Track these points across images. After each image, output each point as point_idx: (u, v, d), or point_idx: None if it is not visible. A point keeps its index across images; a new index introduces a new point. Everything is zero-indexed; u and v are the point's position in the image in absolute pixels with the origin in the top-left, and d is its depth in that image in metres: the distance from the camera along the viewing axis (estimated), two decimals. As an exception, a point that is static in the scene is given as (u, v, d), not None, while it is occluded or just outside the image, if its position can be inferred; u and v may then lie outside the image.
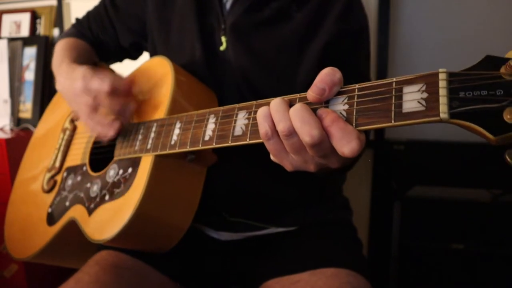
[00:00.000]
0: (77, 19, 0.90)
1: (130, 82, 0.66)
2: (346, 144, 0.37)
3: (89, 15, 0.88)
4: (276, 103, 0.41)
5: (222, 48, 0.69)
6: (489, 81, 0.29)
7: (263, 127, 0.41)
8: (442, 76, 0.32)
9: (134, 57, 0.91)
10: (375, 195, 1.27)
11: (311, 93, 0.39)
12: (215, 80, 0.70)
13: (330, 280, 0.61)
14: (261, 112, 0.42)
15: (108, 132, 0.65)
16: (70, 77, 0.69)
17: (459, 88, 0.31)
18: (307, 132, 0.38)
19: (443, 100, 0.31)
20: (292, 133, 0.39)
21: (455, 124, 0.31)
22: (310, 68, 0.67)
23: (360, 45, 0.72)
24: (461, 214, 1.11)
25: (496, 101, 0.29)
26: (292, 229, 0.75)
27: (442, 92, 0.31)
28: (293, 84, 0.69)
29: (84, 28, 0.86)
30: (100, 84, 0.63)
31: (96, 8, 0.87)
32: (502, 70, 0.29)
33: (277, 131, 0.41)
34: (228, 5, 0.70)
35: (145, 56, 0.88)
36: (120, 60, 0.92)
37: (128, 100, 0.67)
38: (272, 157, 0.45)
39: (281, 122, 0.40)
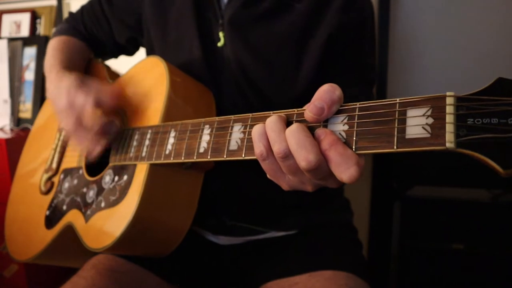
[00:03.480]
0: (71, 14, 0.87)
1: (119, 90, 0.64)
2: (344, 170, 0.35)
3: (83, 10, 0.85)
4: (271, 121, 0.39)
5: (220, 44, 0.67)
6: (501, 108, 0.27)
7: (258, 147, 0.39)
8: (449, 100, 0.30)
9: (130, 53, 0.89)
10: (375, 195, 1.26)
11: (309, 113, 0.37)
12: (214, 77, 0.68)
13: (328, 282, 0.60)
14: (256, 130, 0.40)
15: (95, 147, 0.62)
16: (57, 86, 0.67)
17: (467, 115, 0.28)
18: (303, 157, 0.36)
19: (449, 128, 0.29)
20: (288, 155, 0.37)
21: (462, 153, 0.29)
22: (312, 63, 0.65)
23: (365, 35, 0.69)
24: (461, 214, 1.10)
25: (508, 131, 0.27)
26: (292, 233, 0.74)
27: (449, 118, 0.29)
28: (295, 81, 0.66)
29: (78, 23, 0.84)
30: (85, 98, 0.61)
31: (91, 3, 0.85)
32: (515, 96, 0.27)
33: (272, 152, 0.39)
34: None
35: (141, 51, 0.86)
36: (116, 56, 0.90)
37: (116, 109, 0.65)
38: (268, 176, 0.43)
39: (277, 144, 0.38)
